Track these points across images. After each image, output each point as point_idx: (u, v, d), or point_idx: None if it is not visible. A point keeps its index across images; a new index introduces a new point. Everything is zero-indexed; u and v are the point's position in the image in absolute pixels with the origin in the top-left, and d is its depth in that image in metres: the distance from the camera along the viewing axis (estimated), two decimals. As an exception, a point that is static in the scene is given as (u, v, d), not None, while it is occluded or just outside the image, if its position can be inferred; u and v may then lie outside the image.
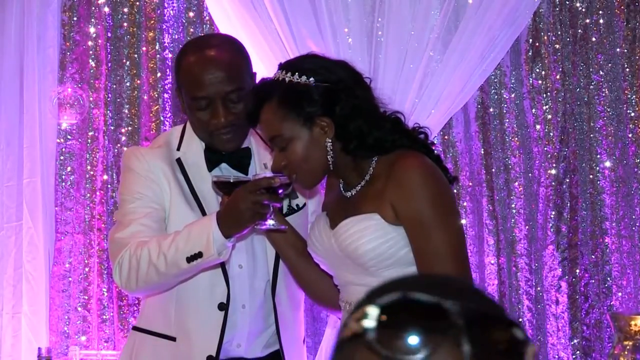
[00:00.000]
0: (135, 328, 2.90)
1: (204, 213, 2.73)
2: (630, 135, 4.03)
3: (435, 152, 2.59)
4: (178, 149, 2.82)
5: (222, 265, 2.74)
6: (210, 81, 2.67)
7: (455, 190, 3.84)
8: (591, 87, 4.04)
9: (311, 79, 2.49)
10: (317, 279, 2.72)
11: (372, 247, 2.46)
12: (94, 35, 4.00)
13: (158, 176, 2.76)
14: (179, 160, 2.81)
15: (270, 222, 2.58)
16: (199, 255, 2.58)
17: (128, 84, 4.00)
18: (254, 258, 2.82)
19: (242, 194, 2.54)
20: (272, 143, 2.57)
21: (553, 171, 4.04)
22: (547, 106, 4.05)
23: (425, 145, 2.57)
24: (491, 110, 4.05)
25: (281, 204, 2.68)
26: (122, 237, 2.70)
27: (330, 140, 2.50)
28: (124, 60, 4.00)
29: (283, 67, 2.56)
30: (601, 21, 4.04)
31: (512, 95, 4.05)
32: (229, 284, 2.75)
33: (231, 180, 2.63)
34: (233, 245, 2.66)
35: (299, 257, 2.71)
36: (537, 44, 4.05)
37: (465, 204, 4.02)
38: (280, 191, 2.54)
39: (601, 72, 4.04)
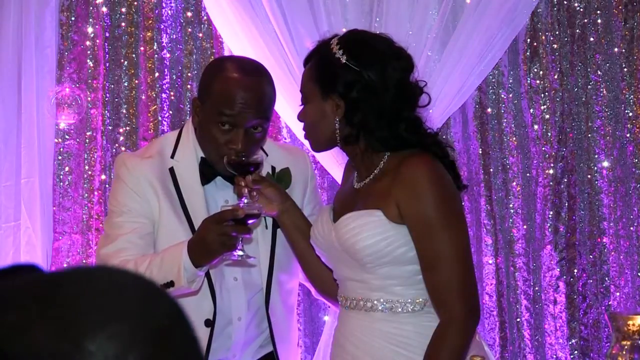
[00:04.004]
0: None
1: (192, 226, 2.72)
2: (628, 135, 4.03)
3: (451, 157, 2.59)
4: (172, 157, 2.80)
5: (209, 282, 2.73)
6: (244, 106, 2.65)
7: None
8: (589, 87, 4.04)
9: (345, 56, 2.51)
10: (322, 266, 2.72)
11: (370, 244, 2.47)
12: (91, 35, 3.99)
13: (147, 191, 2.74)
14: (171, 170, 2.78)
15: (238, 253, 2.56)
16: (171, 284, 2.58)
17: (126, 83, 4.00)
18: (248, 269, 2.81)
19: (208, 225, 2.55)
20: (301, 94, 2.65)
21: (551, 171, 4.04)
22: (545, 106, 4.05)
23: (441, 150, 2.57)
24: (489, 110, 4.05)
25: (251, 235, 2.66)
26: (107, 254, 2.70)
27: (338, 121, 2.53)
28: (122, 60, 3.99)
29: (342, 35, 2.62)
30: (599, 21, 4.04)
31: (510, 95, 4.05)
32: (216, 301, 2.74)
33: (243, 160, 2.61)
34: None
35: (307, 242, 2.71)
36: (535, 44, 4.05)
37: (463, 203, 4.01)
38: (249, 221, 2.53)
39: (599, 72, 4.04)
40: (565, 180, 4.05)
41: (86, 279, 0.95)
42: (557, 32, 4.05)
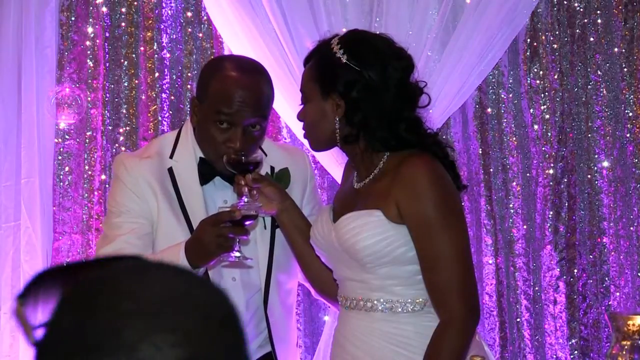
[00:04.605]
0: None
1: (190, 227, 2.72)
2: (628, 135, 4.03)
3: (451, 157, 2.59)
4: (171, 157, 2.80)
5: None
6: (241, 104, 2.66)
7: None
8: (589, 87, 4.04)
9: (345, 56, 2.52)
10: (321, 266, 2.72)
11: (369, 244, 2.47)
12: (91, 35, 3.99)
13: (145, 191, 2.74)
14: (170, 170, 2.78)
15: (235, 254, 2.56)
16: None
17: (126, 83, 4.00)
18: (247, 269, 2.81)
19: (205, 227, 2.55)
20: (301, 93, 2.65)
21: (551, 171, 4.04)
22: (545, 106, 4.04)
23: (441, 150, 2.57)
24: (489, 110, 4.05)
25: (248, 236, 2.66)
26: (105, 254, 2.70)
27: (338, 120, 2.53)
28: (122, 60, 3.99)
29: (342, 35, 2.62)
30: (599, 21, 4.04)
31: (510, 95, 4.05)
32: None
33: (242, 159, 2.62)
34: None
35: (306, 242, 2.71)
36: (535, 44, 4.05)
37: (463, 203, 4.01)
38: (246, 223, 2.53)
39: (599, 72, 4.03)
40: (565, 180, 4.05)
41: (125, 277, 0.98)
42: (557, 32, 4.05)
